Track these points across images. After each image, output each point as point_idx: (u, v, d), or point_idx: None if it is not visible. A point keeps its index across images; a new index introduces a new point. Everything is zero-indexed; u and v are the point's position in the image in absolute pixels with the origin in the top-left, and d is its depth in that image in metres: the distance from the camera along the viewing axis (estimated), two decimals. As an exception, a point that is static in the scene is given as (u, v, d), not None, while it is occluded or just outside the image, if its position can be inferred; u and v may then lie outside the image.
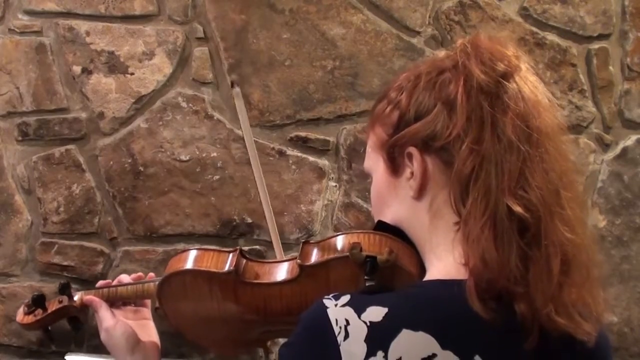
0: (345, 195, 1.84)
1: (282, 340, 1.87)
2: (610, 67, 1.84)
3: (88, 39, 1.86)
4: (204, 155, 1.85)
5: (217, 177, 1.85)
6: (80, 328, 1.22)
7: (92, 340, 1.83)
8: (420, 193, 0.78)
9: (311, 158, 1.85)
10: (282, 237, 1.84)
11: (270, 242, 1.83)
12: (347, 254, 0.86)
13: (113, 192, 1.87)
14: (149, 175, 1.86)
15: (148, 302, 1.21)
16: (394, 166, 0.82)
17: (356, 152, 1.84)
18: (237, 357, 1.84)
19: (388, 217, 0.85)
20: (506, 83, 0.75)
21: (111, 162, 1.87)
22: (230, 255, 0.98)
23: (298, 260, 0.91)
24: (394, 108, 0.82)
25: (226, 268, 0.96)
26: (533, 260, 0.71)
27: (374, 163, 0.86)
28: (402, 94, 0.81)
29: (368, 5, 1.84)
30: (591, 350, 0.74)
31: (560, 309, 0.71)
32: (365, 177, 1.85)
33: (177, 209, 1.86)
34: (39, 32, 1.88)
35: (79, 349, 1.83)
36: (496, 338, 0.70)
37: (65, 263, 1.89)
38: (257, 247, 1.84)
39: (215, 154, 1.85)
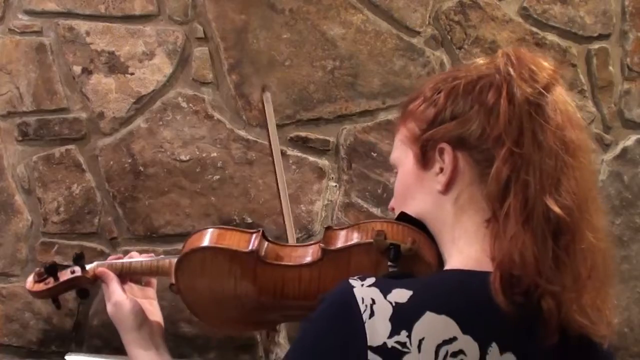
0: (345, 195, 1.84)
1: (283, 334, 1.86)
2: (610, 67, 1.84)
3: (88, 39, 1.86)
4: (204, 155, 1.85)
5: (217, 177, 1.85)
6: (86, 297, 1.22)
7: (92, 341, 1.83)
8: (447, 187, 0.81)
9: (311, 158, 1.85)
10: (281, 237, 1.85)
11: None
12: (371, 240, 0.88)
13: (113, 192, 1.87)
14: (149, 175, 1.86)
15: (154, 282, 1.21)
16: (425, 160, 0.84)
17: (356, 152, 1.84)
18: (236, 357, 1.84)
19: (411, 209, 0.87)
20: (547, 94, 0.78)
21: (111, 162, 1.87)
22: (254, 235, 0.99)
23: (322, 244, 0.92)
24: (430, 105, 0.84)
25: (250, 247, 0.97)
26: (564, 262, 0.74)
27: (403, 155, 0.88)
28: (439, 93, 0.84)
29: (368, 5, 1.84)
30: (603, 354, 0.78)
31: (582, 310, 0.74)
32: (365, 177, 1.85)
33: (177, 209, 1.86)
34: (39, 32, 1.88)
35: (79, 348, 1.83)
36: (514, 329, 0.73)
37: (65, 263, 1.88)
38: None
39: (215, 154, 1.85)
